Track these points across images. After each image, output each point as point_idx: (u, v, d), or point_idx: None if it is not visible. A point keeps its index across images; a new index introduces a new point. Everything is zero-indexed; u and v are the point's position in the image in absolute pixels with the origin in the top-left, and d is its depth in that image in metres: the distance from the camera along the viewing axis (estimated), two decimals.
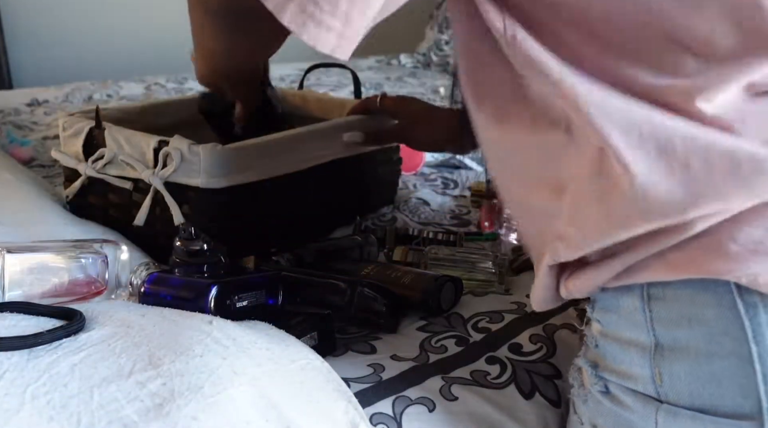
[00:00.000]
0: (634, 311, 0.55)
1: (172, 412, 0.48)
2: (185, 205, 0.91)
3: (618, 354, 0.57)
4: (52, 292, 0.67)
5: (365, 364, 0.74)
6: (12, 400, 0.48)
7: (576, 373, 0.64)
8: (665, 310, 0.53)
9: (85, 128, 1.00)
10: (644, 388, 0.55)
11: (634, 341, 0.55)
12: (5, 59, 2.66)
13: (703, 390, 0.52)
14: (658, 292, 0.53)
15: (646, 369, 0.54)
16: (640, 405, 0.55)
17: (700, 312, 0.51)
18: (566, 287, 0.59)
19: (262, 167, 0.94)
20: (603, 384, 0.58)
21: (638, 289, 0.54)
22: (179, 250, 0.79)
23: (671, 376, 0.53)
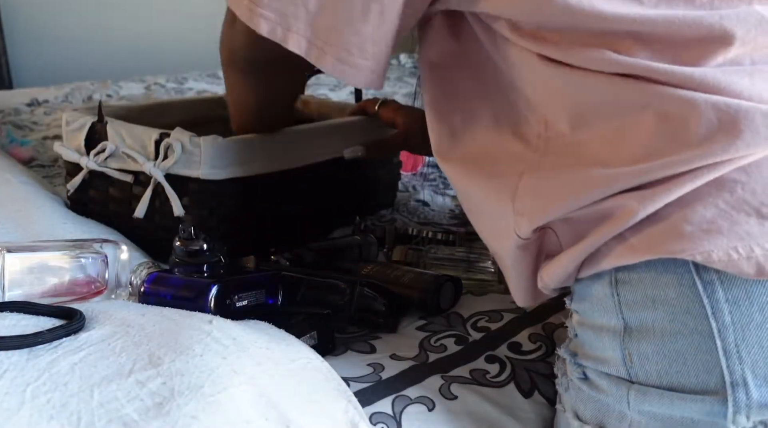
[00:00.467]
0: (604, 297, 0.57)
1: (172, 411, 0.48)
2: (185, 197, 0.92)
3: (593, 341, 0.59)
4: (52, 292, 0.67)
5: (365, 363, 0.74)
6: (12, 399, 0.48)
7: (560, 364, 0.66)
8: (631, 293, 0.55)
9: (87, 123, 1.01)
10: (617, 371, 0.57)
11: (606, 326, 0.57)
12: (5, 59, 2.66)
13: (670, 368, 0.54)
14: (624, 276, 0.55)
15: (617, 352, 0.56)
16: (614, 388, 0.57)
17: (662, 293, 0.53)
18: (541, 278, 0.62)
19: (263, 161, 0.95)
20: (581, 370, 0.61)
21: (607, 275, 0.56)
22: (179, 250, 0.79)
23: (640, 357, 0.55)
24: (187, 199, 0.92)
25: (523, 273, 0.63)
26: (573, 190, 0.55)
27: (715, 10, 0.52)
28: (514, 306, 0.86)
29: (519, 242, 0.60)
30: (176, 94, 2.15)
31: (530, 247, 0.61)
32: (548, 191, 0.57)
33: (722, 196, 0.51)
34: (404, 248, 1.00)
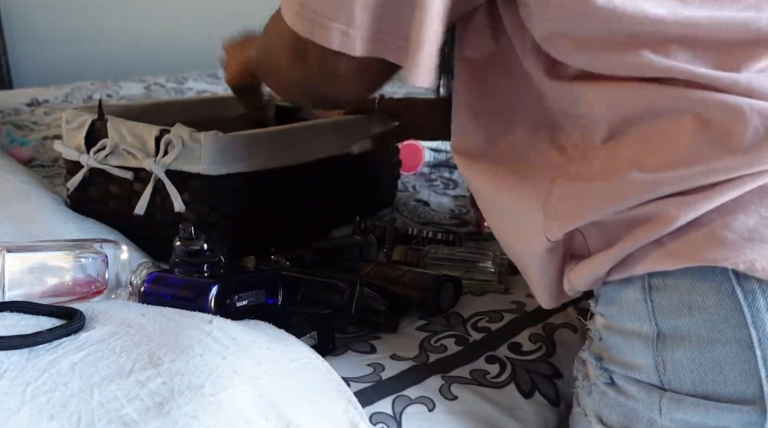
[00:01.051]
0: (635, 303, 0.56)
1: (173, 411, 0.48)
2: (186, 193, 0.92)
3: (621, 345, 0.58)
4: (52, 292, 0.67)
5: (365, 364, 0.74)
6: (12, 399, 0.48)
7: (580, 366, 0.65)
8: (666, 299, 0.54)
9: (87, 121, 1.01)
10: (648, 377, 0.56)
11: (637, 331, 0.56)
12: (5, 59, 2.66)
13: (706, 377, 0.52)
14: (659, 282, 0.54)
15: (649, 359, 0.55)
16: (645, 394, 0.56)
17: (700, 300, 0.52)
18: (569, 280, 0.60)
19: (263, 157, 0.95)
20: (608, 375, 0.59)
21: (639, 280, 0.55)
22: (179, 249, 0.79)
23: (674, 364, 0.54)
24: (188, 195, 0.92)
25: (548, 275, 0.62)
26: (610, 195, 0.54)
27: (761, 12, 0.51)
28: (514, 307, 0.86)
29: (547, 244, 0.59)
30: (176, 94, 2.15)
31: (558, 249, 0.60)
32: (583, 194, 0.56)
33: (765, 204, 0.50)
34: (404, 248, 1.00)
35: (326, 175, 1.06)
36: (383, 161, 1.20)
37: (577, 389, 0.66)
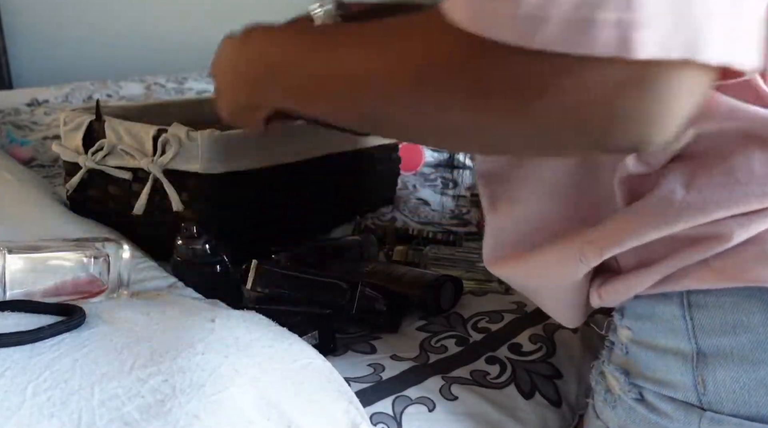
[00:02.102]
0: (672, 319, 0.54)
1: (174, 410, 0.48)
2: (184, 192, 0.92)
3: (653, 362, 0.56)
4: (54, 291, 0.67)
5: (365, 364, 0.74)
6: (13, 397, 0.48)
7: (599, 377, 0.63)
8: (708, 317, 0.52)
9: (85, 122, 1.01)
10: (685, 396, 0.54)
11: (673, 348, 0.54)
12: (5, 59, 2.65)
13: (750, 398, 0.51)
14: (699, 299, 0.52)
15: (687, 377, 0.53)
16: (682, 413, 0.54)
17: (745, 319, 0.50)
18: (599, 296, 0.58)
19: (261, 154, 0.95)
20: (637, 391, 0.57)
21: (677, 297, 0.53)
22: (181, 249, 0.79)
23: (715, 384, 0.52)
24: (186, 194, 0.92)
25: (578, 295, 0.60)
26: (659, 220, 0.51)
27: None
28: (514, 307, 0.86)
29: (582, 269, 0.56)
30: (176, 94, 2.15)
31: (589, 271, 0.58)
32: (627, 221, 0.53)
33: None
34: (404, 248, 1.00)
35: (324, 172, 1.07)
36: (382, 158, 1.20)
37: (595, 401, 0.64)
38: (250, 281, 0.84)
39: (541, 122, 0.41)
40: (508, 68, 0.39)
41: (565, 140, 0.42)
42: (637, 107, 0.39)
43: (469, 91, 0.41)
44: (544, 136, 0.43)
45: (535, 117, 0.41)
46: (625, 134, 0.40)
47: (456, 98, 0.42)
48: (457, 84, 0.42)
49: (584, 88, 0.38)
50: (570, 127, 0.40)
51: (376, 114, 0.49)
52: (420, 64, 0.43)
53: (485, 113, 0.42)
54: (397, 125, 0.50)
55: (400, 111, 0.47)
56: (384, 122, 0.50)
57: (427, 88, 0.43)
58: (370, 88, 0.47)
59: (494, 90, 0.40)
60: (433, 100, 0.44)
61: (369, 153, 1.15)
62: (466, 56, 0.40)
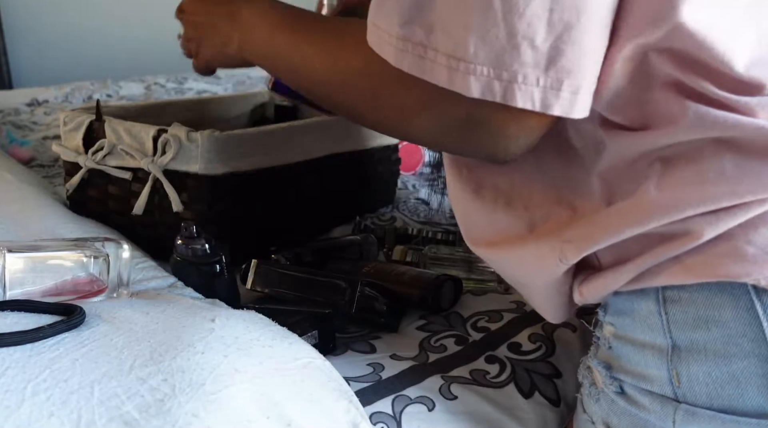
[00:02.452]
0: (649, 315, 0.55)
1: (173, 409, 0.48)
2: (184, 193, 0.93)
3: (633, 356, 0.57)
4: (54, 291, 0.67)
5: (365, 363, 0.74)
6: (12, 396, 0.48)
7: (586, 372, 0.64)
8: (681, 313, 0.53)
9: (85, 122, 1.01)
10: (661, 389, 0.55)
11: (650, 343, 0.55)
12: (5, 59, 2.66)
13: (723, 391, 0.52)
14: (674, 295, 0.53)
15: (663, 371, 0.54)
16: (658, 406, 0.55)
17: (717, 314, 0.51)
18: (580, 293, 0.59)
19: (260, 155, 0.95)
20: (618, 384, 0.59)
21: (653, 292, 0.54)
22: (181, 248, 0.79)
23: (689, 377, 0.53)
24: (186, 194, 0.93)
25: (560, 292, 0.61)
26: (632, 219, 0.52)
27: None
28: (513, 306, 0.86)
29: (562, 267, 0.58)
30: (176, 94, 2.15)
31: (570, 268, 0.59)
32: (602, 220, 0.55)
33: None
34: (404, 248, 1.00)
35: (324, 172, 1.07)
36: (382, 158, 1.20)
37: (582, 395, 0.65)
38: (250, 281, 0.84)
39: (423, 132, 0.55)
40: (392, 84, 0.53)
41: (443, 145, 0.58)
42: (474, 136, 0.52)
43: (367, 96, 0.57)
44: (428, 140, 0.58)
45: (416, 128, 0.55)
46: (475, 150, 0.55)
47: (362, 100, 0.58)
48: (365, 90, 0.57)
49: (441, 115, 0.52)
50: (442, 140, 0.56)
51: (313, 89, 0.63)
52: (345, 69, 0.58)
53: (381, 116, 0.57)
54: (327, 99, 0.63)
55: (329, 94, 0.62)
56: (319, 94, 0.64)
57: (345, 88, 0.59)
58: (310, 76, 0.62)
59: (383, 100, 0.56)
60: (348, 98, 0.59)
61: (369, 154, 1.15)
62: (370, 69, 0.54)
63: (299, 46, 0.64)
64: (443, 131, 0.54)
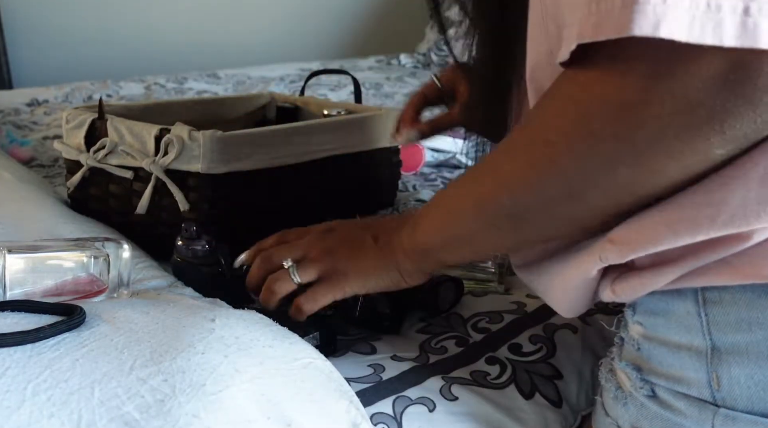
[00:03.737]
0: (686, 315, 0.53)
1: (174, 409, 0.48)
2: (185, 192, 0.93)
3: (666, 358, 0.56)
4: (54, 291, 0.67)
5: (365, 364, 0.74)
6: (12, 397, 0.48)
7: (609, 374, 0.62)
8: (723, 314, 0.52)
9: (87, 120, 1.02)
10: (699, 392, 0.53)
11: (687, 345, 0.54)
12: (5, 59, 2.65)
13: (765, 395, 0.50)
14: (715, 296, 0.52)
15: (701, 374, 0.53)
16: (695, 410, 0.54)
17: (760, 316, 0.50)
18: (613, 291, 0.57)
19: (263, 155, 0.95)
20: (649, 387, 0.57)
21: (691, 293, 0.53)
22: (181, 249, 0.79)
23: (730, 381, 0.52)
24: (187, 194, 0.93)
25: (585, 287, 0.59)
26: (695, 229, 0.49)
27: None
28: (514, 307, 0.86)
29: (599, 265, 0.56)
30: (176, 94, 2.15)
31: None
32: (655, 224, 0.51)
33: None
34: None
35: (325, 174, 1.07)
36: (383, 161, 1.20)
37: (603, 398, 0.63)
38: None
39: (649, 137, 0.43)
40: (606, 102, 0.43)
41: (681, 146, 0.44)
42: (746, 95, 0.41)
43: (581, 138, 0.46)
44: (658, 150, 0.44)
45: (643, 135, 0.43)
46: (743, 123, 0.42)
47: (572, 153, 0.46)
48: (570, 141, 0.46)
49: (686, 92, 0.41)
50: (680, 131, 0.43)
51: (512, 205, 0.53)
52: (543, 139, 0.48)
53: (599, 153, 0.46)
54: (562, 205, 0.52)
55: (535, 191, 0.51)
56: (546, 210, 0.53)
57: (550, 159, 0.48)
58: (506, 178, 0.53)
59: (599, 128, 0.44)
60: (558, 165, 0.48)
61: (370, 155, 1.15)
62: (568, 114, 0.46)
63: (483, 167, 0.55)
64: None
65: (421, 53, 2.78)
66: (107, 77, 2.33)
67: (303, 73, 2.36)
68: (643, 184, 0.48)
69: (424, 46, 2.79)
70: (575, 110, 0.45)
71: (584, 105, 0.44)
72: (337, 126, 1.09)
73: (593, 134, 0.45)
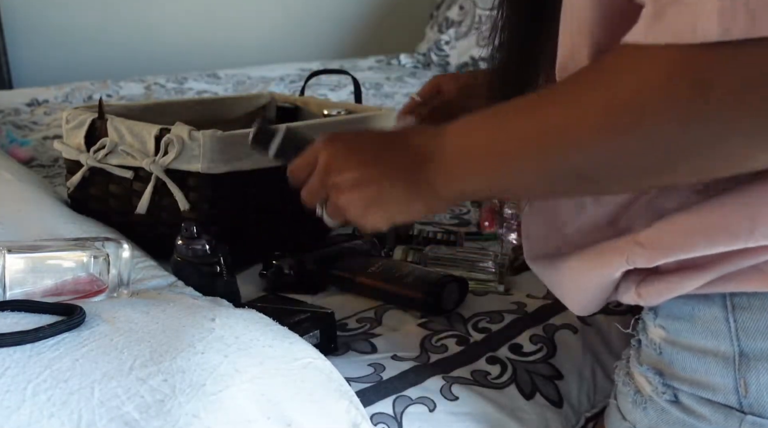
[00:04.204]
0: (713, 321, 0.53)
1: (173, 409, 0.48)
2: (185, 192, 0.93)
3: (690, 363, 0.55)
4: (54, 290, 0.67)
5: (366, 364, 0.74)
6: (13, 397, 0.48)
7: (626, 378, 0.62)
8: (752, 320, 0.51)
9: (87, 120, 1.02)
10: (725, 399, 0.53)
11: (713, 350, 0.53)
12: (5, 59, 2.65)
13: None
14: (743, 301, 0.51)
15: (728, 379, 0.52)
16: (721, 416, 0.53)
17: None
18: (638, 294, 0.56)
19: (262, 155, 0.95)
20: (672, 392, 0.56)
21: (719, 298, 0.52)
22: (181, 249, 0.79)
23: (758, 387, 0.51)
24: (187, 193, 0.93)
25: (603, 287, 0.58)
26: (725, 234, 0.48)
27: None
28: (514, 307, 0.86)
29: (625, 268, 0.55)
30: (176, 94, 2.15)
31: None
32: (689, 228, 0.50)
33: None
34: (405, 248, 1.00)
35: None
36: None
37: (619, 401, 0.63)
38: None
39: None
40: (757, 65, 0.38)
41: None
42: None
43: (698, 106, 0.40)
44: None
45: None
46: None
47: (680, 120, 0.41)
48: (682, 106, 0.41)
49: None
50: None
51: (583, 165, 0.47)
52: (632, 103, 0.43)
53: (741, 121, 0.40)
54: (602, 173, 0.48)
55: (618, 155, 0.45)
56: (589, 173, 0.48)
57: (646, 124, 0.42)
58: (580, 137, 0.46)
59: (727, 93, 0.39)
60: (655, 134, 0.43)
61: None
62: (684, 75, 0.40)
63: (545, 114, 0.49)
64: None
65: (421, 53, 2.78)
66: (107, 77, 2.32)
67: (303, 73, 2.36)
68: (753, 156, 0.43)
69: (424, 46, 2.79)
70: (689, 77, 0.40)
71: (702, 71, 0.40)
72: (337, 126, 1.09)
73: (711, 102, 0.40)
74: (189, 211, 0.91)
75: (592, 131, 0.45)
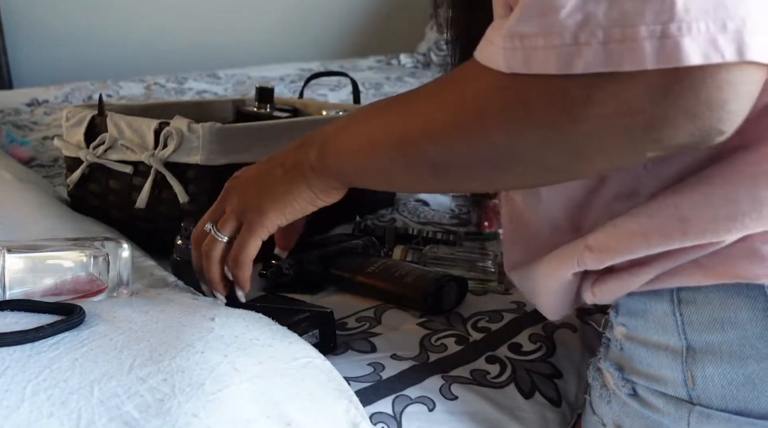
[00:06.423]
0: (663, 316, 0.54)
1: (173, 409, 0.48)
2: (184, 184, 0.93)
3: (646, 357, 0.57)
4: (54, 290, 0.67)
5: (365, 363, 0.74)
6: (12, 396, 0.48)
7: (596, 373, 0.64)
8: (697, 314, 0.53)
9: (87, 117, 1.02)
10: (675, 391, 0.54)
11: (664, 344, 0.55)
12: (5, 59, 2.65)
13: (738, 393, 0.51)
14: (689, 296, 0.53)
15: (677, 373, 0.54)
16: (672, 408, 0.55)
17: (732, 316, 0.51)
18: (593, 293, 0.59)
19: (261, 148, 0.95)
20: (630, 386, 0.58)
21: (667, 293, 0.54)
22: (181, 249, 0.79)
23: (704, 379, 0.53)
24: (186, 186, 0.93)
25: (567, 290, 0.61)
26: (660, 236, 0.51)
27: None
28: (514, 307, 0.86)
29: (576, 270, 0.57)
30: (176, 94, 2.15)
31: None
32: (632, 232, 0.53)
33: None
34: (404, 247, 1.00)
35: None
36: None
37: (591, 396, 0.65)
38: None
39: (588, 132, 0.44)
40: (550, 93, 0.44)
41: (615, 146, 0.44)
42: (688, 108, 0.41)
43: (518, 117, 0.46)
44: (593, 145, 0.45)
45: (582, 129, 0.44)
46: (679, 134, 0.42)
47: (506, 128, 0.47)
48: (506, 116, 0.47)
49: (628, 97, 0.41)
50: (618, 133, 0.43)
51: (436, 157, 0.53)
52: (473, 107, 0.49)
53: (535, 134, 0.46)
54: (456, 167, 0.53)
55: (463, 151, 0.51)
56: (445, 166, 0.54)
57: (482, 126, 0.49)
58: (434, 131, 0.52)
59: (538, 112, 0.45)
60: (491, 135, 0.49)
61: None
62: (506, 92, 0.46)
63: (410, 109, 0.56)
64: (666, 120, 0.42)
65: (421, 53, 2.78)
66: (107, 77, 2.33)
67: (303, 73, 2.36)
68: (568, 169, 0.49)
69: (424, 46, 2.79)
70: (517, 89, 0.46)
71: (526, 88, 0.45)
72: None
73: (531, 116, 0.45)
74: (188, 203, 0.92)
75: (444, 126, 0.51)
